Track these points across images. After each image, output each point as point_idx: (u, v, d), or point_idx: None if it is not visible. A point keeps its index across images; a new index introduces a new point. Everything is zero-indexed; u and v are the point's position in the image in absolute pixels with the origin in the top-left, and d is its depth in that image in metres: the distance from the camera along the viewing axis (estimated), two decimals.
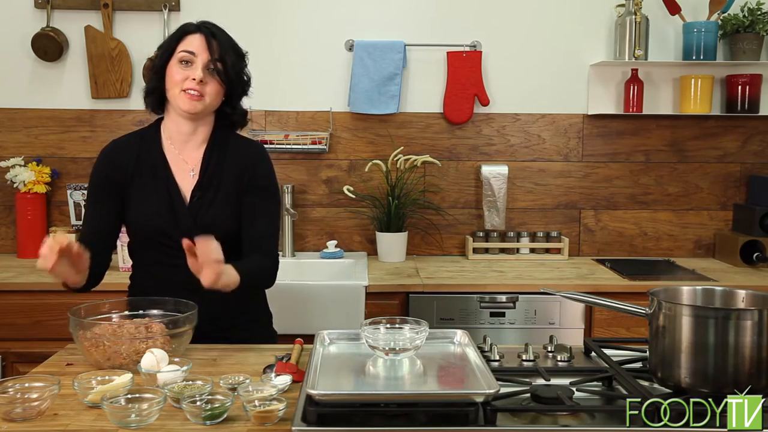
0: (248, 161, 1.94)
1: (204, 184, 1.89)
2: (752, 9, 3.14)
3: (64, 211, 3.17)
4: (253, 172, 1.93)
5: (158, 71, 1.88)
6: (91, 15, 3.19)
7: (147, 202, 1.88)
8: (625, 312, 1.55)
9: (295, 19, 3.24)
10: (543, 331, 2.63)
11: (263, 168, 1.97)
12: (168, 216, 1.86)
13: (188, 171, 1.91)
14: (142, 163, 1.90)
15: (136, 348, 1.60)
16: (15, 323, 2.68)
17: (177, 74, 1.83)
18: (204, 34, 1.86)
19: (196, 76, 1.82)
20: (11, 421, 1.35)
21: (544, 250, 3.27)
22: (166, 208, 1.87)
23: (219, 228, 1.81)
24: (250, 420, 1.35)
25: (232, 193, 1.91)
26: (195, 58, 1.83)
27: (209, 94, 1.85)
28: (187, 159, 1.92)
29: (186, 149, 1.93)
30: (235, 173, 1.91)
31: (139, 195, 1.88)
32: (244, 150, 1.97)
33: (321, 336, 1.67)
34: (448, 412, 1.31)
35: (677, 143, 3.33)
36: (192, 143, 1.92)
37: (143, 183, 1.89)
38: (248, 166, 1.93)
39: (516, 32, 3.27)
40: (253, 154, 1.97)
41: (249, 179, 1.92)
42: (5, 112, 3.24)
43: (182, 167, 1.91)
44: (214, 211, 1.88)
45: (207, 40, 1.85)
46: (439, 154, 3.28)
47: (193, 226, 1.84)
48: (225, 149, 1.94)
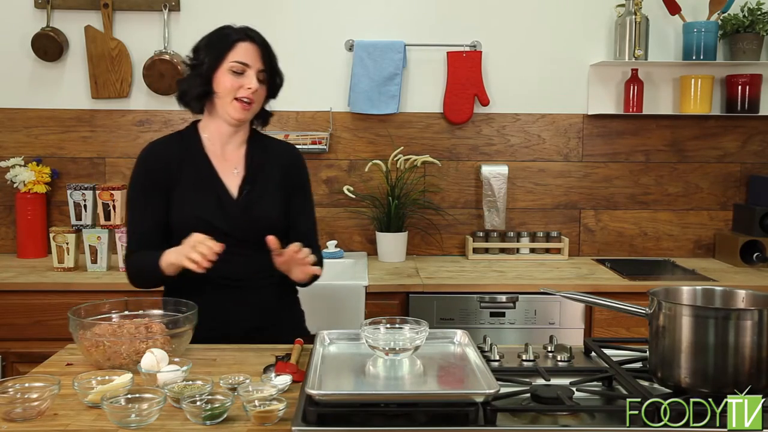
0: (290, 160, 2.04)
1: (251, 179, 1.96)
2: (752, 9, 3.14)
3: (64, 211, 3.17)
4: (296, 171, 2.04)
5: (206, 78, 1.90)
6: (91, 15, 3.19)
7: (194, 198, 1.91)
8: (625, 312, 1.55)
9: (295, 19, 3.24)
10: (543, 331, 2.63)
11: (303, 167, 2.08)
12: (216, 211, 1.91)
13: (231, 169, 1.96)
14: (184, 162, 1.94)
15: (136, 348, 1.60)
16: (15, 323, 2.68)
17: (229, 82, 1.88)
18: (255, 43, 1.91)
19: (252, 85, 1.88)
20: (11, 421, 1.35)
21: (544, 250, 3.27)
22: (214, 204, 1.91)
23: (267, 221, 1.93)
24: (250, 420, 1.35)
25: (277, 189, 1.99)
26: (248, 69, 1.87)
27: (258, 101, 1.93)
28: (229, 158, 1.98)
29: (227, 149, 1.98)
30: (277, 171, 2.00)
31: (184, 193, 1.92)
32: (284, 150, 2.07)
33: (321, 336, 1.67)
34: (448, 412, 1.31)
35: (677, 143, 3.33)
36: (233, 143, 1.98)
37: (188, 181, 1.92)
38: (290, 165, 2.04)
39: (516, 32, 3.27)
40: (293, 154, 2.07)
41: (292, 178, 2.03)
42: (5, 112, 3.24)
43: (225, 165, 1.96)
44: (263, 205, 1.95)
45: (258, 50, 1.90)
46: (439, 154, 3.28)
47: (243, 219, 1.91)
48: (265, 148, 2.02)
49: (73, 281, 2.74)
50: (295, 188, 2.03)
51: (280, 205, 1.98)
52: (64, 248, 2.88)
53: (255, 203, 1.94)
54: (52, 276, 2.80)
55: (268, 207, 1.95)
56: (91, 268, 2.91)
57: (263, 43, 1.92)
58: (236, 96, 1.87)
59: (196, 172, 1.94)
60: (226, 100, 1.88)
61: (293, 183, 2.02)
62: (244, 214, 1.92)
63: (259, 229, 1.90)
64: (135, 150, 3.24)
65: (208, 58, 1.90)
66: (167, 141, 2.01)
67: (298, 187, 2.04)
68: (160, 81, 3.15)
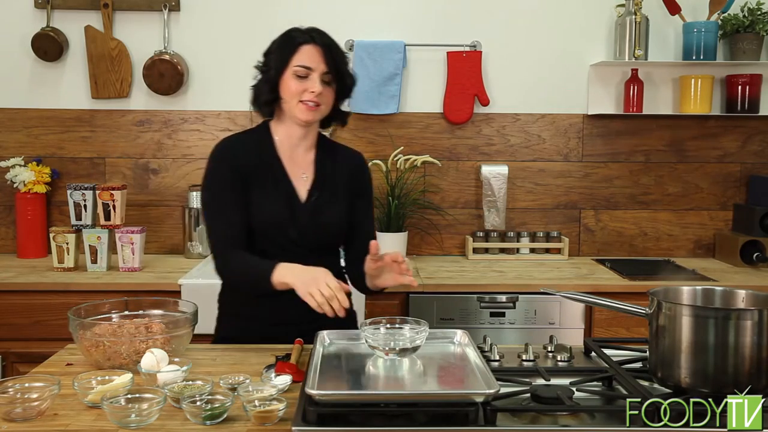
0: (356, 167, 2.06)
1: (319, 184, 1.97)
2: (752, 9, 3.14)
3: (64, 211, 3.17)
4: (360, 176, 2.05)
5: (273, 83, 1.90)
6: (91, 15, 3.19)
7: (268, 199, 1.91)
8: (625, 312, 1.55)
9: (295, 19, 3.21)
10: (543, 331, 2.63)
11: (369, 174, 2.10)
12: (287, 214, 1.91)
13: (300, 173, 1.97)
14: (260, 161, 1.94)
15: (136, 348, 1.60)
16: (15, 323, 2.68)
17: (294, 86, 1.87)
18: (318, 45, 1.89)
19: (315, 89, 1.86)
20: (11, 421, 1.35)
21: (544, 250, 3.27)
22: (285, 206, 1.91)
23: (333, 226, 1.96)
24: (250, 420, 1.35)
25: (343, 195, 1.99)
26: (311, 72, 1.87)
27: (325, 103, 1.91)
28: (298, 162, 1.98)
29: (296, 153, 1.98)
30: (345, 177, 2.01)
31: (260, 192, 1.91)
32: (351, 155, 2.07)
33: (321, 336, 1.67)
34: (448, 412, 1.31)
35: (677, 143, 3.33)
36: (302, 147, 1.98)
37: (262, 180, 1.92)
38: (357, 172, 2.04)
39: (516, 32, 3.27)
40: (359, 160, 2.08)
41: (357, 183, 2.03)
42: (5, 112, 3.24)
43: (294, 170, 1.97)
44: (333, 211, 1.96)
45: (322, 52, 1.88)
46: (439, 154, 3.28)
47: (310, 224, 1.92)
48: (333, 154, 2.03)
49: (73, 281, 2.74)
50: (359, 193, 2.03)
51: (345, 210, 1.99)
52: (64, 248, 2.88)
53: (323, 209, 1.94)
54: (52, 276, 2.81)
55: (335, 213, 1.96)
56: (91, 268, 2.91)
57: (327, 45, 1.90)
58: (301, 99, 1.87)
59: (270, 173, 1.93)
60: (293, 103, 1.88)
61: (357, 188, 2.03)
62: (311, 219, 1.92)
63: (324, 234, 1.94)
64: (135, 150, 3.27)
65: (274, 63, 1.90)
66: (242, 139, 1.99)
67: (361, 193, 2.04)
68: (160, 81, 3.15)
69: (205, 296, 2.51)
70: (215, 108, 3.26)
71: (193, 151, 3.27)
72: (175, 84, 3.17)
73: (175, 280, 2.69)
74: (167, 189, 3.28)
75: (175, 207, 3.28)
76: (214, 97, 3.26)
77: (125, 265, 2.91)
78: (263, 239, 1.91)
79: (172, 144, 3.26)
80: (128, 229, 2.89)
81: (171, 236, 3.28)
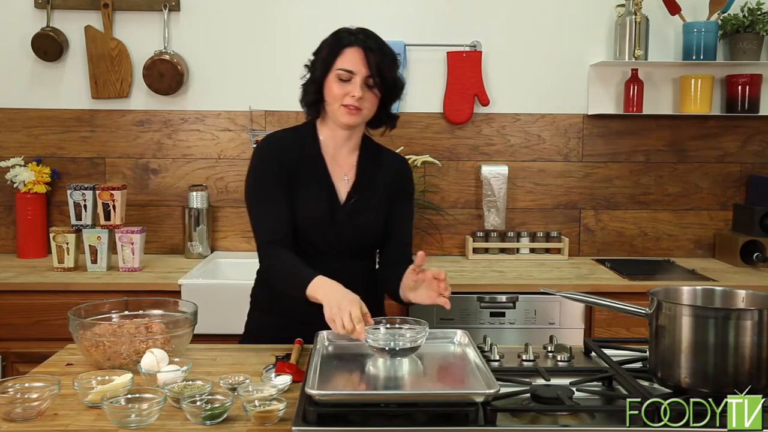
0: (398, 171, 2.04)
1: (359, 188, 1.95)
2: (752, 9, 3.14)
3: (64, 211, 3.17)
4: (402, 181, 2.03)
5: (318, 84, 1.90)
6: (91, 15, 3.19)
7: (309, 197, 1.90)
8: (625, 312, 1.55)
9: (295, 19, 3.23)
10: (543, 331, 2.63)
11: (411, 180, 2.07)
12: (326, 214, 1.90)
13: (342, 175, 1.96)
14: (304, 158, 1.94)
15: (136, 348, 1.60)
16: (15, 323, 2.68)
17: (336, 89, 1.85)
18: (361, 48, 1.85)
19: (356, 93, 1.84)
20: (11, 421, 1.35)
21: (544, 250, 3.27)
22: (325, 207, 1.91)
23: (370, 230, 1.94)
24: (250, 420, 1.35)
25: (383, 199, 1.98)
26: (354, 76, 1.84)
27: (367, 107, 1.88)
28: (341, 164, 1.97)
29: (340, 154, 1.97)
30: (386, 181, 1.99)
31: (302, 190, 1.91)
32: (395, 161, 2.06)
33: (321, 336, 1.67)
34: (448, 412, 1.31)
35: (677, 143, 3.33)
36: (345, 149, 1.97)
37: (305, 178, 1.92)
38: (398, 176, 2.02)
39: (516, 32, 3.27)
40: (402, 164, 2.06)
41: (398, 188, 2.01)
42: (5, 112, 3.24)
43: (337, 171, 1.96)
44: (369, 215, 1.95)
45: (364, 56, 1.84)
46: (439, 154, 3.28)
47: (346, 226, 1.91)
48: (378, 158, 2.02)
49: (73, 281, 2.74)
50: (399, 198, 2.01)
51: (382, 214, 1.97)
52: (64, 248, 2.88)
53: (360, 212, 1.93)
54: (52, 276, 2.80)
55: (372, 217, 1.95)
56: (91, 268, 2.91)
57: (371, 48, 1.85)
58: (343, 103, 1.85)
59: (313, 172, 1.93)
60: (335, 106, 1.87)
61: (397, 193, 2.01)
62: (348, 222, 1.91)
63: (360, 237, 1.93)
64: (135, 150, 3.27)
65: (319, 65, 1.89)
66: (288, 135, 1.99)
67: (401, 198, 2.02)
68: (160, 81, 3.15)
69: (205, 296, 2.53)
70: (215, 108, 3.26)
71: (193, 151, 3.27)
72: (175, 84, 3.17)
73: (175, 280, 2.69)
74: (167, 189, 3.28)
75: (175, 207, 3.28)
76: (214, 97, 3.25)
77: (125, 265, 2.91)
78: (302, 238, 1.91)
79: (172, 144, 3.26)
80: (128, 229, 2.89)
81: (171, 236, 3.28)
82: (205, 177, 3.26)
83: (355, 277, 1.89)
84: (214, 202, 3.26)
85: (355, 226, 1.92)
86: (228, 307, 2.62)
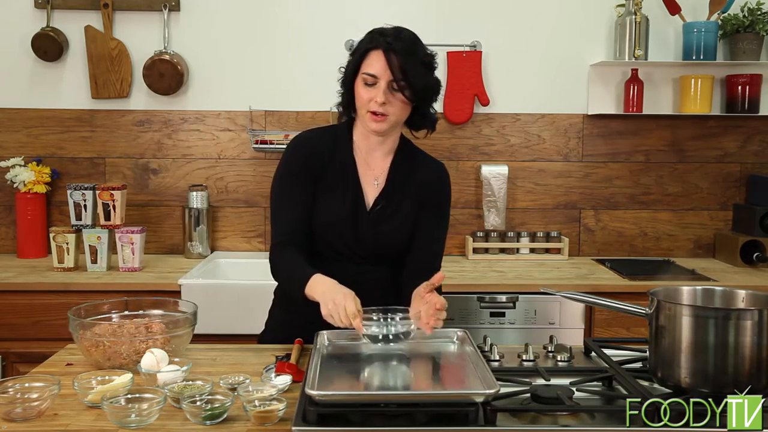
0: (433, 178, 1.95)
1: (388, 194, 1.90)
2: (752, 9, 3.14)
3: (64, 211, 3.17)
4: (436, 189, 1.95)
5: (347, 86, 1.86)
6: (91, 15, 3.19)
7: (333, 201, 1.87)
8: (625, 312, 1.55)
9: (295, 19, 3.24)
10: (543, 331, 2.63)
11: (446, 187, 1.98)
12: (349, 219, 1.86)
13: (372, 179, 1.91)
14: (334, 160, 1.89)
15: (136, 348, 1.60)
16: (15, 323, 2.68)
17: (363, 93, 1.80)
18: (384, 51, 1.77)
19: (379, 98, 1.77)
20: (11, 421, 1.35)
21: (544, 250, 3.27)
22: (350, 211, 1.86)
23: (394, 239, 1.88)
24: (250, 420, 1.35)
25: (413, 207, 1.90)
26: (378, 80, 1.78)
27: (393, 113, 1.80)
28: (373, 167, 1.91)
29: (373, 157, 1.92)
30: (419, 188, 1.92)
31: (326, 192, 1.87)
32: (431, 167, 1.97)
33: (321, 336, 1.67)
34: (448, 412, 1.31)
35: (677, 143, 3.33)
36: (379, 152, 1.92)
37: (332, 181, 1.88)
38: (432, 183, 1.94)
39: (516, 32, 3.27)
40: (439, 172, 1.97)
41: (430, 196, 1.92)
42: (5, 112, 3.24)
43: (367, 174, 1.91)
44: (394, 223, 1.89)
45: (387, 59, 1.76)
46: (439, 154, 3.27)
47: (371, 233, 1.86)
48: (413, 163, 1.94)
49: (73, 281, 2.74)
50: (431, 206, 1.92)
51: (410, 223, 1.89)
52: (64, 248, 2.88)
53: (385, 218, 1.88)
54: (52, 276, 2.80)
55: (397, 225, 1.88)
56: (91, 268, 2.91)
57: (396, 50, 1.76)
58: (368, 108, 1.79)
59: (341, 172, 1.88)
60: (362, 112, 1.82)
61: (430, 200, 1.92)
62: (371, 228, 1.87)
63: (382, 245, 1.87)
64: (135, 150, 3.27)
65: (349, 67, 1.85)
66: (321, 134, 1.95)
67: (433, 206, 1.92)
68: (160, 81, 3.15)
69: (205, 296, 2.53)
70: (215, 108, 3.26)
71: (193, 151, 3.27)
72: (175, 84, 3.17)
73: (175, 280, 2.69)
74: (167, 189, 3.28)
75: (175, 207, 3.28)
76: (214, 97, 3.25)
77: (125, 265, 2.91)
78: (322, 241, 1.88)
79: (172, 144, 3.26)
80: (128, 229, 2.89)
81: (171, 236, 3.28)
82: (205, 177, 3.26)
83: (376, 285, 1.88)
84: (214, 202, 3.26)
85: (378, 233, 1.86)
86: (228, 307, 2.63)
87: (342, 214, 1.86)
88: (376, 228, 1.87)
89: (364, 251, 1.88)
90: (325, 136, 1.93)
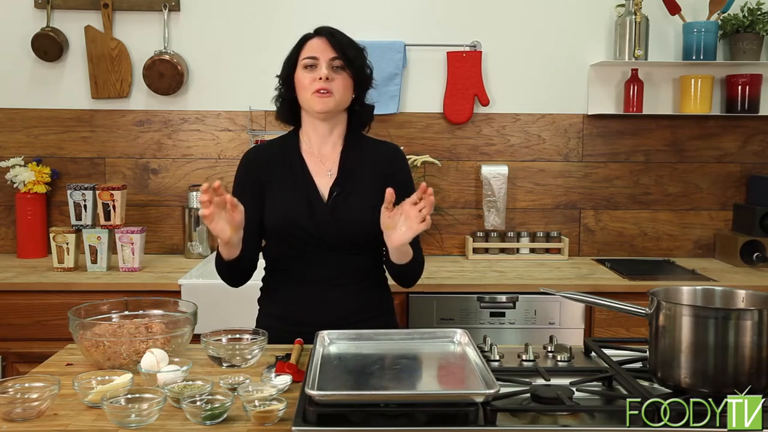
0: (386, 157, 2.02)
1: (342, 181, 1.95)
2: (752, 9, 3.14)
3: (64, 211, 3.17)
4: (395, 168, 2.00)
5: (285, 81, 1.97)
6: (91, 15, 3.19)
7: (285, 198, 1.93)
8: (625, 312, 1.55)
9: (295, 19, 3.23)
10: (543, 331, 2.63)
11: (404, 167, 2.04)
12: (305, 212, 1.91)
13: (326, 171, 1.97)
14: (281, 163, 1.97)
15: (136, 348, 1.60)
16: (15, 323, 2.68)
17: (304, 79, 1.90)
18: (322, 35, 1.92)
19: (322, 75, 1.88)
20: (11, 421, 1.35)
21: (544, 250, 3.27)
22: (304, 205, 1.91)
23: (356, 222, 1.91)
24: (250, 420, 1.35)
25: (370, 189, 1.93)
26: (318, 61, 1.90)
27: (337, 90, 1.90)
28: (324, 160, 1.98)
29: (323, 151, 1.99)
30: (373, 171, 1.97)
31: (277, 193, 1.94)
32: (382, 148, 2.04)
33: (321, 336, 1.67)
34: (448, 412, 1.31)
35: (677, 143, 3.33)
36: (328, 144, 1.99)
37: (282, 182, 1.95)
38: (388, 165, 2.00)
39: (516, 32, 3.27)
40: (392, 153, 2.04)
41: (391, 175, 1.97)
42: (5, 112, 3.24)
43: (320, 168, 1.97)
44: (353, 208, 1.93)
45: (326, 40, 1.91)
46: (439, 154, 3.28)
47: (330, 220, 1.90)
48: (360, 148, 2.00)
49: (73, 281, 2.74)
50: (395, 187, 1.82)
51: (371, 206, 1.87)
52: (64, 248, 2.88)
53: (343, 206, 1.92)
54: (52, 276, 2.81)
55: (358, 210, 1.91)
56: (91, 268, 2.91)
57: (332, 34, 1.92)
58: (312, 90, 1.89)
59: (291, 173, 1.95)
60: (306, 96, 1.90)
61: (389, 180, 1.91)
62: (331, 217, 1.90)
63: (346, 233, 1.90)
64: (135, 150, 3.27)
65: (286, 64, 1.97)
66: (270, 143, 2.07)
67: (398, 186, 1.83)
68: (160, 81, 3.15)
69: (205, 296, 2.53)
70: (215, 108, 3.26)
71: (193, 151, 3.27)
72: (175, 84, 3.17)
73: (175, 280, 2.69)
74: (167, 189, 3.28)
75: (175, 207, 3.28)
76: (214, 97, 3.26)
77: (125, 265, 2.91)
78: (284, 240, 1.93)
79: (172, 144, 3.27)
80: (128, 229, 2.90)
81: (171, 236, 3.28)
82: (205, 177, 3.26)
83: (354, 273, 1.94)
84: None
85: (338, 220, 1.90)
86: (228, 307, 2.63)
87: (296, 209, 1.91)
88: (334, 215, 1.91)
89: (333, 239, 1.91)
90: (270, 145, 2.06)
